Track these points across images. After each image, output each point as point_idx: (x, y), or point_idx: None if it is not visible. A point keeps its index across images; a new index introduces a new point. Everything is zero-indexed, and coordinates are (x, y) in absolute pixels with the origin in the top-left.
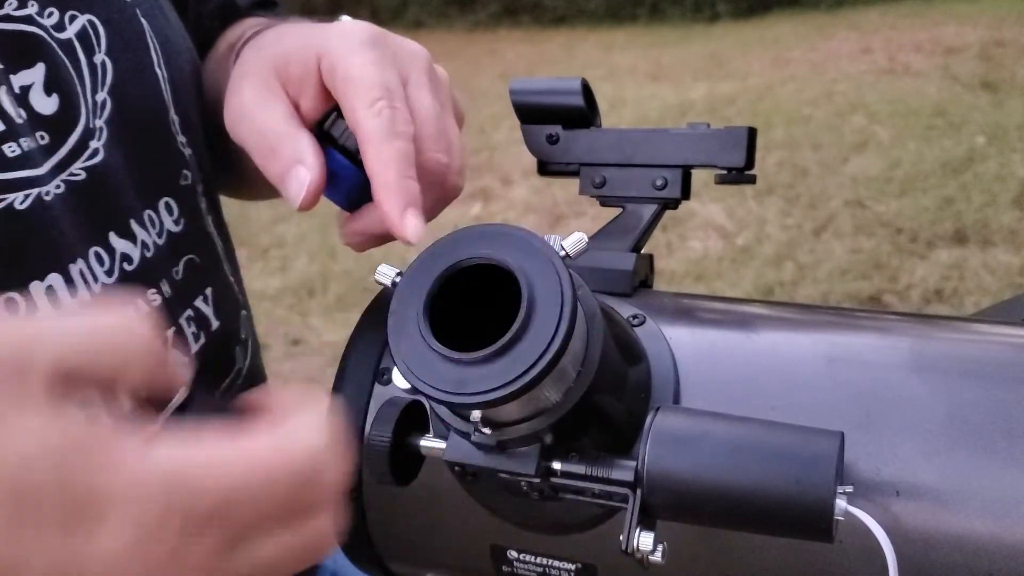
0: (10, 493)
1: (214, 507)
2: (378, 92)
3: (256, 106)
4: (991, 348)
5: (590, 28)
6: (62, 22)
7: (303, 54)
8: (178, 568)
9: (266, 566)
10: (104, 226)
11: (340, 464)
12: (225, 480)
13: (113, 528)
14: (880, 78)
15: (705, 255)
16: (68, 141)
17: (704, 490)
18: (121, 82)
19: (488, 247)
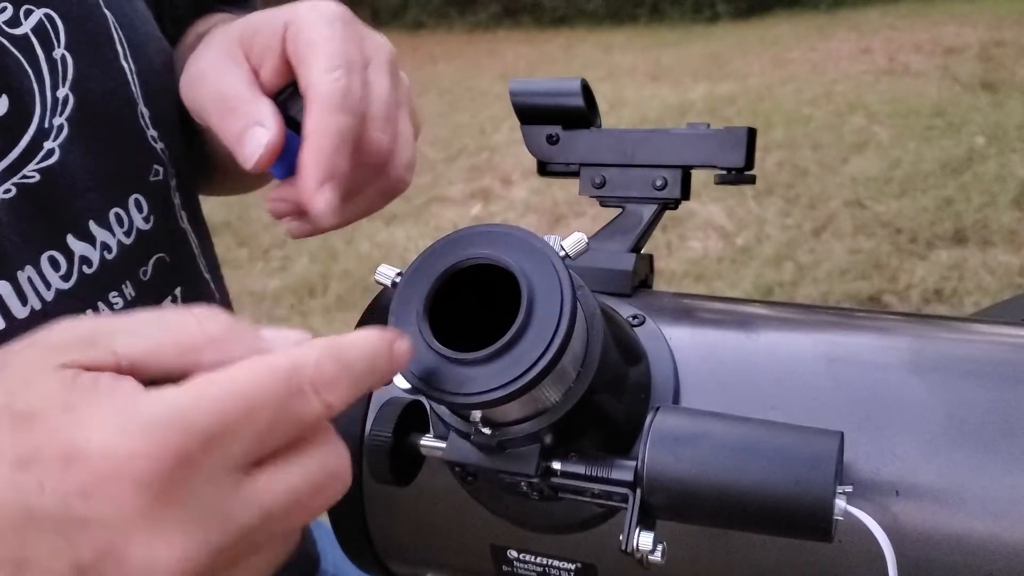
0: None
1: (205, 439)
2: (338, 61)
3: (216, 70)
4: (991, 348)
5: (590, 29)
6: (16, 17)
7: (271, 23)
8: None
9: (281, 505)
10: (60, 229)
11: (329, 379)
12: (209, 409)
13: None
14: (880, 78)
15: (705, 255)
16: (19, 143)
17: (704, 490)
18: (83, 77)
19: (488, 247)
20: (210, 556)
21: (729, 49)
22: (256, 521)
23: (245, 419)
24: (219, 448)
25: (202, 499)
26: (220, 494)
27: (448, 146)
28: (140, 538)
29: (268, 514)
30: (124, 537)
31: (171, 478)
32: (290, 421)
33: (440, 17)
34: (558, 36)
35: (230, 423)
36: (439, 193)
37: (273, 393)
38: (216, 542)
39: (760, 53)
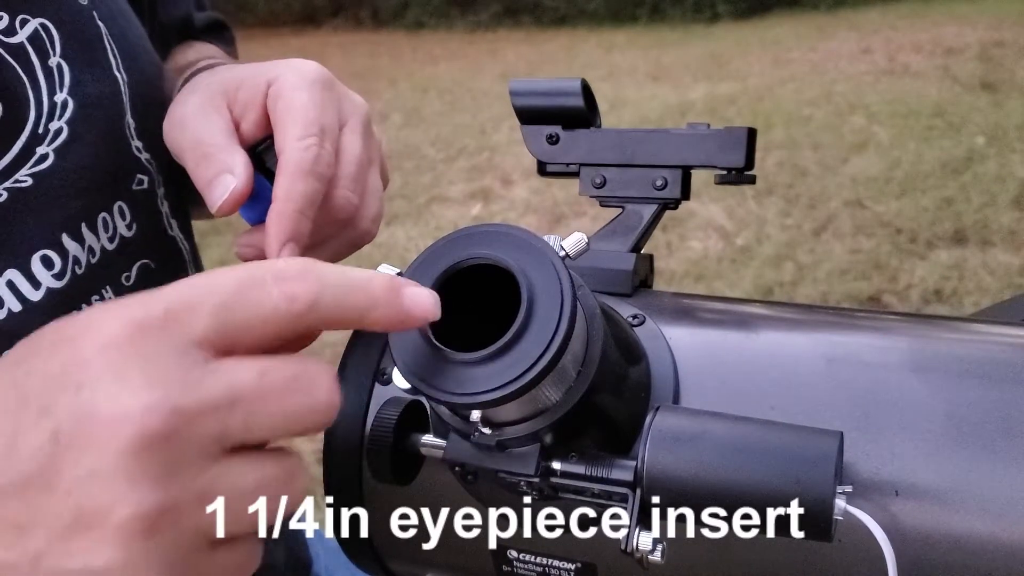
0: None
1: (166, 309)
2: (313, 129)
3: (197, 118)
4: (990, 348)
5: (590, 29)
6: (12, 26)
7: (255, 79)
8: (154, 370)
9: (249, 388)
10: (55, 229)
11: (292, 273)
12: (173, 290)
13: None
14: (880, 78)
15: (705, 255)
16: (12, 149)
17: (704, 490)
18: (80, 83)
19: (488, 247)
20: (173, 415)
21: (729, 49)
22: (221, 394)
23: (206, 295)
24: (180, 318)
25: (166, 363)
26: (184, 363)
27: (448, 146)
28: (107, 392)
29: (233, 390)
30: (92, 394)
31: (133, 339)
32: (250, 304)
33: (440, 17)
34: (558, 36)
35: (190, 297)
36: (439, 193)
37: (234, 277)
38: (178, 402)
39: (760, 53)
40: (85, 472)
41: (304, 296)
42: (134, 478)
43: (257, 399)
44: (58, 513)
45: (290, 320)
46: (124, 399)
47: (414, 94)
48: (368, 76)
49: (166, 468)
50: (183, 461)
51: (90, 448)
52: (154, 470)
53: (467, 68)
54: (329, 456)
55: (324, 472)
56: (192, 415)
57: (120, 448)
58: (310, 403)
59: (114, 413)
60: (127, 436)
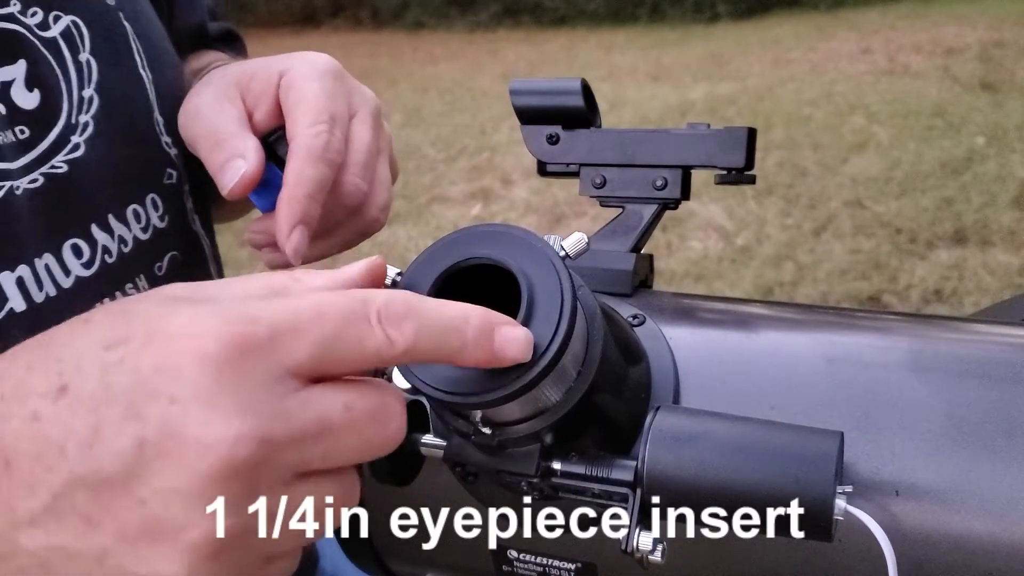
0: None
1: (271, 333)
2: (323, 117)
3: (211, 107)
4: (990, 348)
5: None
6: (46, 21)
7: (267, 71)
8: (248, 397)
9: (337, 419)
10: (85, 218)
11: (396, 315)
12: (279, 310)
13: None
14: (880, 78)
15: (705, 255)
16: (49, 135)
17: (704, 490)
18: (106, 80)
19: (488, 247)
20: (262, 446)
21: (729, 49)
22: (311, 426)
23: (311, 324)
24: (282, 345)
25: (260, 390)
26: (278, 391)
27: (448, 146)
28: (198, 414)
29: (322, 423)
30: (184, 412)
31: (231, 361)
32: (352, 340)
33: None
34: (558, 36)
35: (297, 324)
36: (439, 193)
37: (341, 309)
38: (269, 432)
39: (760, 53)
40: (166, 487)
41: (404, 342)
42: (216, 502)
43: (341, 432)
44: (130, 518)
45: (386, 360)
46: (216, 424)
47: (414, 94)
48: (368, 76)
49: (245, 496)
50: (261, 489)
51: (175, 465)
52: (233, 497)
53: (467, 68)
54: None
55: None
56: (278, 446)
57: (205, 472)
58: (385, 435)
59: (204, 437)
60: (213, 462)
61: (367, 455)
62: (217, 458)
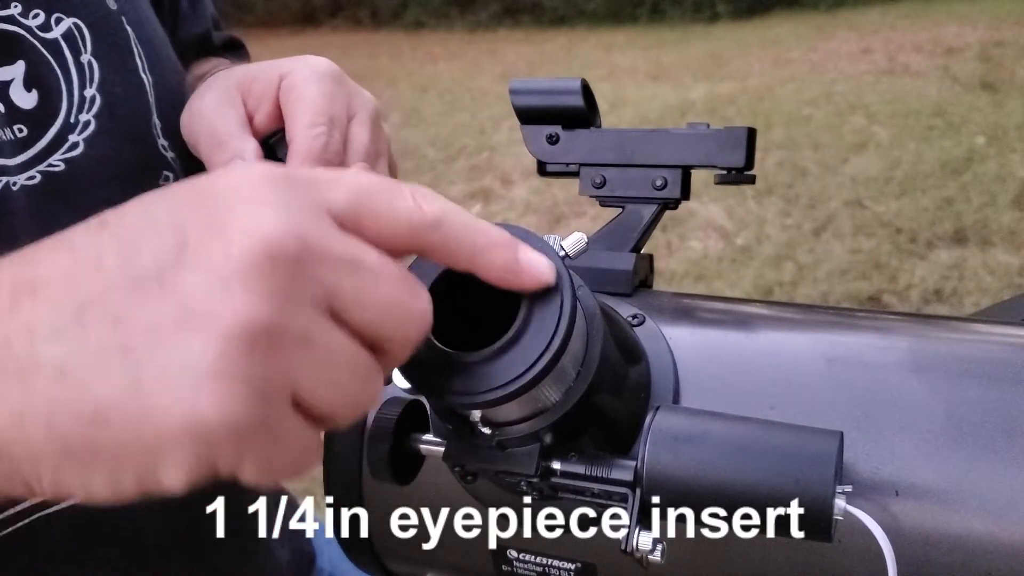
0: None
1: (303, 175)
2: (322, 118)
3: (213, 110)
4: (991, 348)
5: (590, 28)
6: (48, 23)
7: (268, 74)
8: (294, 202)
9: (369, 262)
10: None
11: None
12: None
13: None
14: (880, 78)
15: (705, 255)
16: (47, 134)
17: (704, 489)
18: (108, 81)
19: None
20: (301, 243)
21: (729, 49)
22: (347, 252)
23: (351, 177)
24: (325, 185)
25: (302, 205)
26: (318, 214)
27: (448, 146)
28: (245, 206)
29: (357, 256)
30: (230, 208)
31: (276, 182)
32: (386, 198)
33: (440, 17)
34: (558, 36)
35: (339, 175)
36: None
37: (378, 178)
38: (309, 235)
39: (760, 53)
40: (205, 276)
41: (433, 212)
42: (253, 289)
43: (374, 275)
44: (164, 310)
45: (416, 229)
46: (261, 217)
47: (414, 94)
48: (367, 76)
49: (284, 294)
50: (299, 296)
51: (216, 255)
52: (275, 290)
53: (467, 68)
54: (329, 456)
55: (324, 472)
56: (318, 254)
57: (248, 259)
58: (412, 304)
59: (249, 226)
60: (255, 246)
61: (391, 324)
62: (259, 242)
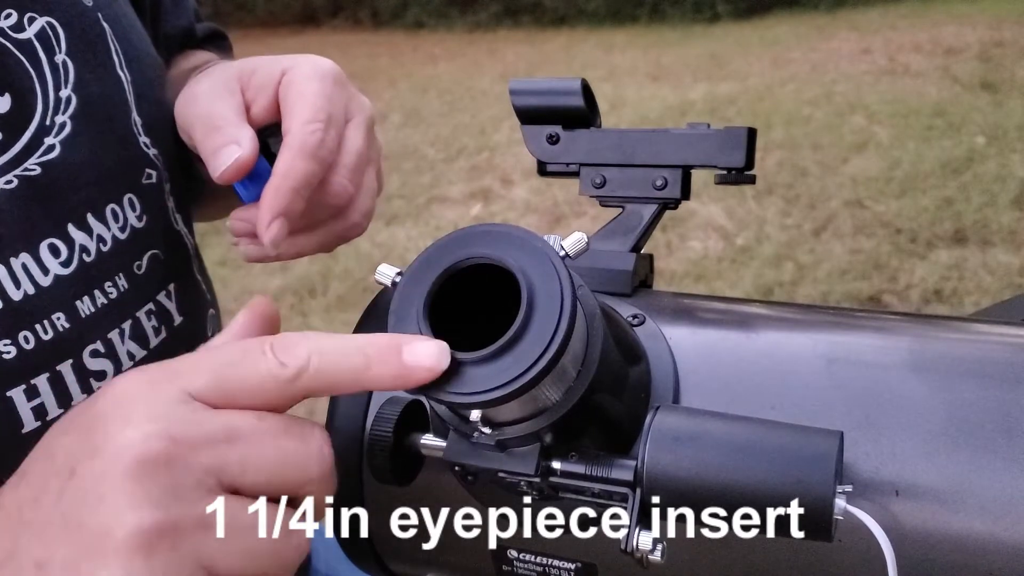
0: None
1: (171, 370)
2: (321, 116)
3: (210, 95)
4: (991, 348)
5: (590, 29)
6: (20, 23)
7: (270, 67)
8: (157, 411)
9: (248, 428)
10: (61, 218)
11: (287, 342)
12: (183, 356)
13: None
14: (880, 78)
15: (705, 255)
16: (22, 138)
17: (704, 490)
18: (83, 80)
19: (488, 247)
20: (172, 443)
21: (729, 49)
22: (220, 431)
23: (208, 357)
24: (184, 375)
25: (168, 405)
26: (183, 407)
27: (448, 146)
28: (114, 427)
29: (232, 429)
30: (104, 435)
31: (139, 391)
32: (247, 366)
33: (440, 17)
34: (558, 36)
35: (196, 360)
36: (439, 193)
37: (237, 346)
38: (178, 432)
39: (760, 53)
40: (93, 499)
41: (295, 364)
42: (135, 498)
43: (253, 438)
44: (71, 546)
45: (282, 384)
46: (128, 431)
47: (414, 94)
48: (368, 76)
49: (165, 492)
50: (182, 487)
51: (98, 477)
52: (154, 492)
53: (467, 68)
54: None
55: None
56: (191, 445)
57: (122, 471)
58: (304, 449)
59: (118, 443)
60: (128, 460)
61: (290, 472)
62: (131, 456)
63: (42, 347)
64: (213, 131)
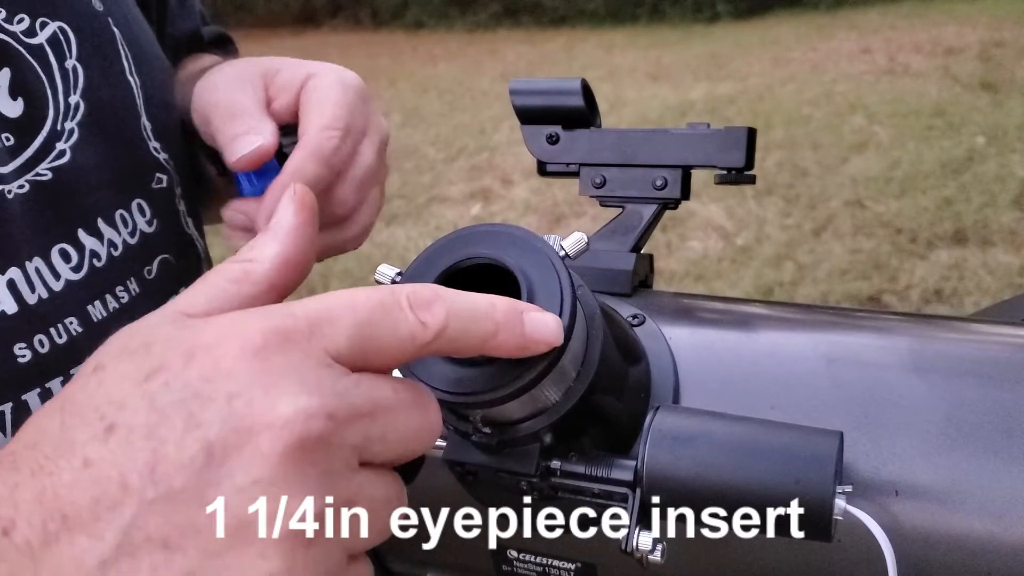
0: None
1: (309, 322)
2: (340, 124)
3: (232, 85)
4: (991, 348)
5: (590, 28)
6: (32, 28)
7: (296, 69)
8: (303, 378)
9: (387, 400)
10: (71, 223)
11: (424, 300)
12: (314, 303)
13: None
14: (880, 78)
15: (705, 255)
16: (34, 142)
17: (703, 490)
18: (93, 86)
19: (488, 247)
20: (328, 420)
21: (729, 49)
22: (366, 405)
23: (346, 311)
24: (322, 333)
25: (313, 372)
26: (328, 373)
27: (448, 146)
28: (262, 401)
29: (376, 403)
30: (247, 403)
31: (278, 348)
32: (387, 325)
33: (440, 17)
34: (558, 36)
35: (333, 313)
36: (439, 193)
37: (372, 298)
38: (332, 408)
39: (760, 53)
40: (244, 481)
41: (435, 324)
42: (297, 483)
43: (393, 412)
44: (212, 527)
45: (421, 345)
46: (282, 406)
47: (414, 94)
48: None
49: (323, 474)
50: (335, 467)
51: (249, 457)
52: (315, 475)
53: (467, 68)
54: None
55: None
56: (344, 421)
57: (281, 454)
58: (428, 422)
59: (274, 420)
60: (289, 441)
61: (413, 443)
62: (292, 436)
63: (56, 351)
64: (234, 118)
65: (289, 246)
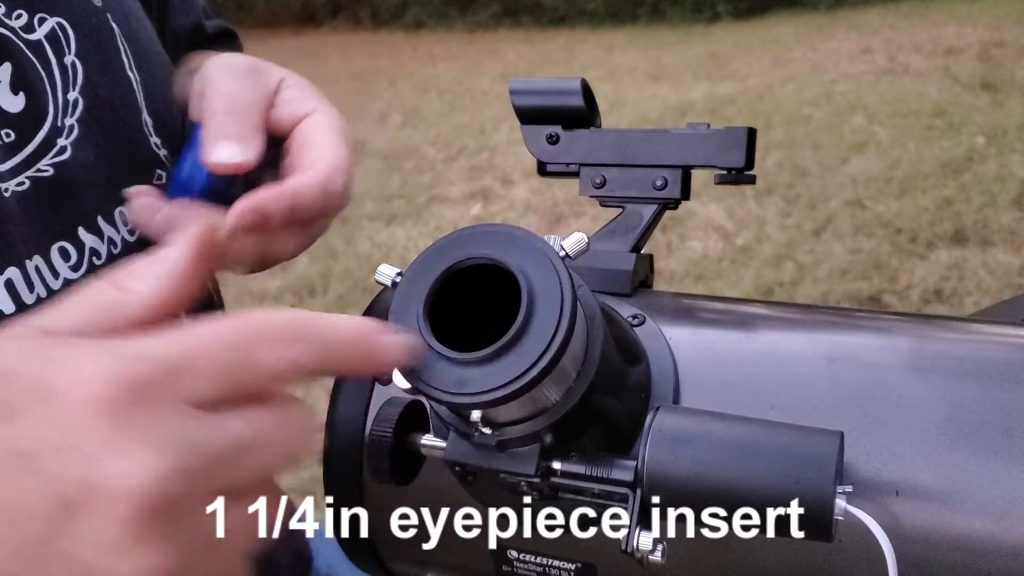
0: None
1: (165, 369)
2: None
3: (243, 79)
4: (991, 348)
5: (590, 28)
6: (31, 24)
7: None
8: (155, 434)
9: (248, 438)
10: (71, 221)
11: (291, 336)
12: (171, 344)
13: (75, 416)
14: (880, 78)
15: (705, 255)
16: (35, 139)
17: (704, 490)
18: (92, 83)
19: (488, 247)
20: (183, 478)
21: (729, 49)
22: (224, 450)
23: (205, 356)
24: (178, 379)
25: (165, 424)
26: (184, 423)
27: (448, 146)
28: (110, 460)
29: (236, 444)
30: (95, 463)
31: (128, 400)
32: (250, 367)
33: (440, 17)
34: (558, 36)
35: (190, 357)
36: (439, 193)
37: (235, 337)
38: (186, 464)
39: (760, 53)
40: (96, 541)
41: (303, 361)
42: (146, 542)
43: (258, 446)
44: None
45: (285, 382)
46: (132, 468)
47: (414, 94)
48: (367, 76)
49: (177, 530)
50: (192, 513)
51: (100, 517)
52: (166, 530)
53: (467, 68)
54: (329, 456)
55: (324, 472)
56: (199, 472)
57: (132, 518)
58: (299, 443)
59: (123, 483)
60: (139, 505)
61: (291, 461)
62: (141, 499)
63: None
64: (231, 114)
65: (166, 289)
